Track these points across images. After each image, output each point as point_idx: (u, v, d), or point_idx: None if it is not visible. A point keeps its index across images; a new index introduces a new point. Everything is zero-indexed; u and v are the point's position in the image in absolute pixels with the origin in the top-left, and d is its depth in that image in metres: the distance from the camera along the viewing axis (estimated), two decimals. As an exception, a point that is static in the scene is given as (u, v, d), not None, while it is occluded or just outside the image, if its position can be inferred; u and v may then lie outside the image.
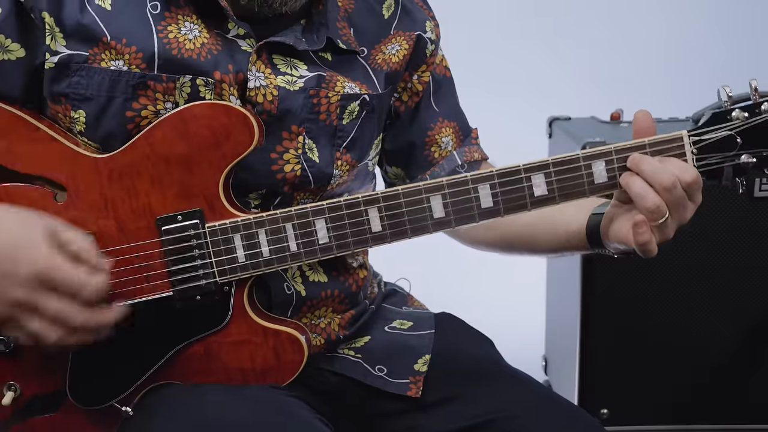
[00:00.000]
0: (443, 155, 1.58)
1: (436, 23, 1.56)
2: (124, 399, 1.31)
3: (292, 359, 1.32)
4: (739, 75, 1.32)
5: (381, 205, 1.30)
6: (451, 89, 1.61)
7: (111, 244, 1.29)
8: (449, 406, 1.41)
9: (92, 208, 1.28)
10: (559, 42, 3.57)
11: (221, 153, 1.28)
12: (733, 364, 2.25)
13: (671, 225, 1.27)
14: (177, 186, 1.28)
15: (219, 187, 1.29)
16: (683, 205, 1.26)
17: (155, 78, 1.29)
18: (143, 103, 1.29)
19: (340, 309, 1.47)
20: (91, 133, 1.30)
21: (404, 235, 1.31)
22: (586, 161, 1.30)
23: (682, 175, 1.26)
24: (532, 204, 1.31)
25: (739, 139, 1.32)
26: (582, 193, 1.31)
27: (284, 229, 1.30)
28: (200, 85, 1.30)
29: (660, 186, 1.24)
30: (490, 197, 1.30)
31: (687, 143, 1.31)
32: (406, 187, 1.30)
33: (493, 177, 1.30)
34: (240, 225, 1.29)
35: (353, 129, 1.43)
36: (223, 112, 1.28)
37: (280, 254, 1.30)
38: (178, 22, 1.31)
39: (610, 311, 2.24)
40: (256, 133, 1.28)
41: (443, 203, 1.30)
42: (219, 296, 1.30)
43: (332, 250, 1.31)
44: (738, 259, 2.22)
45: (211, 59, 1.31)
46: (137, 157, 1.28)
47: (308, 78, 1.37)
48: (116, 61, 1.29)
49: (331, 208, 1.30)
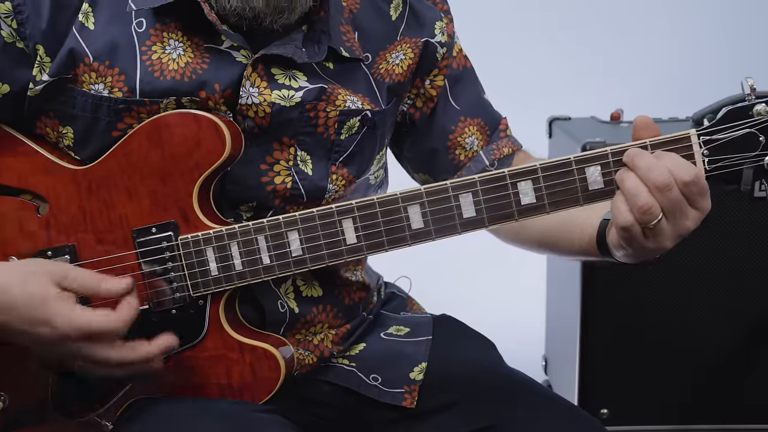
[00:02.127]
0: (470, 156, 1.49)
1: (449, 18, 1.47)
2: (105, 414, 1.30)
3: (269, 376, 1.27)
4: (740, 75, 1.18)
5: (356, 215, 1.23)
6: (473, 80, 1.51)
7: (90, 255, 1.28)
8: (447, 414, 1.34)
9: (72, 219, 1.28)
10: (559, 42, 3.51)
11: (193, 163, 1.25)
12: (732, 364, 2.21)
13: (667, 232, 1.13)
14: (152, 197, 1.26)
15: (193, 198, 1.26)
16: (681, 211, 1.12)
17: (138, 102, 1.25)
18: (128, 122, 1.27)
19: (336, 324, 1.42)
20: (80, 148, 1.29)
21: (381, 247, 1.23)
22: (579, 165, 1.18)
23: (679, 172, 1.11)
24: (519, 213, 1.20)
25: (763, 137, 1.16)
26: (575, 201, 1.19)
27: (256, 241, 1.25)
28: (185, 102, 1.26)
29: (652, 184, 1.10)
30: (472, 206, 1.20)
31: (696, 143, 1.16)
32: (382, 196, 1.22)
33: (475, 184, 1.20)
34: (212, 237, 1.25)
35: (352, 144, 1.36)
36: (193, 120, 1.24)
37: (253, 267, 1.25)
38: (163, 40, 1.27)
39: (610, 311, 2.21)
40: (228, 142, 1.24)
41: (422, 213, 1.21)
42: (194, 310, 1.27)
43: (306, 263, 1.25)
44: (737, 259, 2.18)
45: (195, 79, 1.26)
46: (113, 168, 1.27)
47: (308, 90, 1.31)
48: (96, 84, 1.26)
49: (303, 219, 1.24)
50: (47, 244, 1.29)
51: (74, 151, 1.30)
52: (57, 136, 1.30)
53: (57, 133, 1.30)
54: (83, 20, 1.27)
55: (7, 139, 1.31)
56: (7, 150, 1.30)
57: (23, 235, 1.29)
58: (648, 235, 1.13)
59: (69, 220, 1.28)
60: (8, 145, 1.31)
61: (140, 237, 1.27)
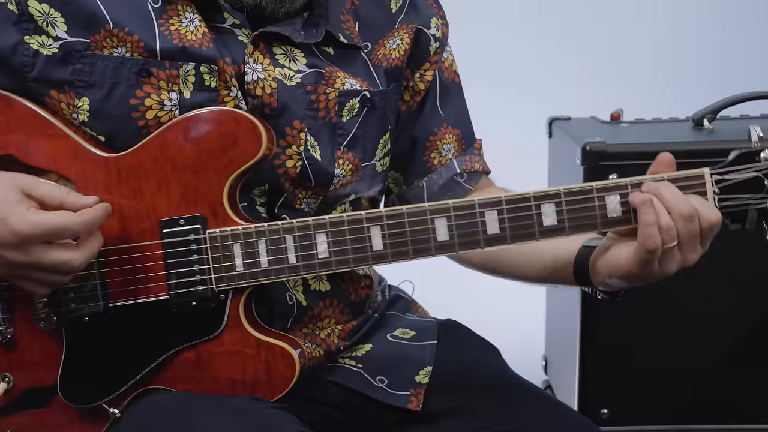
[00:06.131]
0: (442, 162, 1.54)
1: (444, 22, 1.52)
2: (114, 400, 1.30)
3: (284, 374, 1.29)
4: (739, 75, 1.27)
5: (384, 224, 1.27)
6: (459, 95, 1.57)
7: (113, 243, 1.29)
8: (452, 418, 1.38)
9: (98, 205, 1.29)
10: (559, 42, 3.53)
11: (228, 160, 1.28)
12: (732, 365, 2.21)
13: (676, 259, 1.21)
14: (182, 190, 1.28)
15: (223, 194, 1.28)
16: (693, 244, 1.20)
17: (158, 65, 1.29)
18: (147, 91, 1.30)
19: (342, 319, 1.46)
20: (95, 122, 1.30)
21: (406, 255, 1.28)
22: (600, 193, 1.25)
23: (705, 212, 1.21)
24: (541, 234, 1.26)
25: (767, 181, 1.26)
26: (593, 226, 1.26)
27: (284, 241, 1.28)
28: (204, 72, 1.30)
29: (678, 213, 1.19)
30: (496, 223, 1.26)
31: (709, 181, 1.25)
32: (411, 207, 1.27)
33: (501, 203, 1.26)
34: (240, 233, 1.28)
35: (354, 126, 1.41)
36: (232, 118, 1.28)
37: (279, 266, 1.28)
38: (179, 14, 1.32)
39: (610, 311, 2.19)
40: (264, 142, 1.27)
41: (448, 226, 1.27)
42: (215, 303, 1.29)
43: (331, 265, 1.28)
44: (737, 259, 2.16)
45: (213, 48, 1.31)
46: (146, 159, 1.29)
47: (306, 74, 1.36)
48: (119, 48, 1.29)
49: (333, 223, 1.28)
50: (71, 226, 1.29)
51: (89, 127, 1.31)
52: (72, 112, 1.31)
53: (72, 107, 1.31)
54: None
55: (39, 121, 1.31)
56: (37, 132, 1.31)
57: (46, 216, 1.29)
58: (661, 260, 1.21)
59: (95, 205, 1.29)
60: (39, 127, 1.31)
61: (167, 228, 1.28)
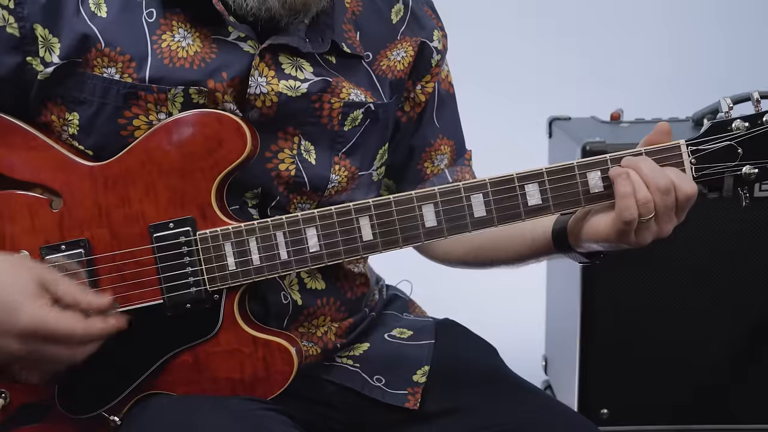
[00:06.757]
0: (435, 172, 1.57)
1: (444, 34, 1.55)
2: (113, 408, 1.30)
3: (282, 370, 1.30)
4: (739, 75, 1.31)
5: (372, 213, 1.29)
6: (454, 107, 1.60)
7: (104, 250, 1.29)
8: (449, 418, 1.38)
9: (87, 214, 1.29)
10: (559, 42, 3.55)
11: (213, 161, 1.29)
12: (732, 365, 2.22)
13: (652, 230, 1.24)
14: (170, 193, 1.29)
15: (211, 195, 1.29)
16: (669, 216, 1.24)
17: (146, 89, 1.29)
18: (135, 112, 1.30)
19: (339, 317, 1.46)
20: (84, 136, 1.31)
21: (396, 244, 1.30)
22: (581, 170, 1.28)
23: (681, 184, 1.24)
24: (526, 213, 1.29)
25: (740, 149, 1.29)
26: (577, 203, 1.29)
27: (275, 237, 1.29)
28: (193, 93, 1.31)
29: (655, 186, 1.22)
30: (483, 206, 1.29)
31: (685, 152, 1.28)
32: (397, 195, 1.29)
33: (486, 186, 1.29)
34: (231, 232, 1.29)
35: (354, 136, 1.42)
36: (216, 119, 1.29)
37: (271, 262, 1.29)
38: (173, 29, 1.32)
39: (610, 311, 2.21)
40: (249, 142, 1.29)
41: (435, 211, 1.29)
42: (209, 304, 1.30)
43: (323, 258, 1.30)
44: (738, 258, 2.18)
45: (204, 68, 1.31)
46: (132, 165, 1.30)
47: (313, 82, 1.36)
48: (108, 68, 1.30)
49: (322, 216, 1.29)
50: (60, 238, 1.29)
51: (78, 140, 1.31)
52: (62, 124, 1.32)
53: (63, 120, 1.31)
54: (95, 9, 1.30)
55: (20, 134, 1.31)
56: (19, 145, 1.31)
57: (36, 230, 1.29)
58: (637, 231, 1.24)
59: (83, 215, 1.29)
60: (21, 140, 1.31)
61: (157, 232, 1.29)
